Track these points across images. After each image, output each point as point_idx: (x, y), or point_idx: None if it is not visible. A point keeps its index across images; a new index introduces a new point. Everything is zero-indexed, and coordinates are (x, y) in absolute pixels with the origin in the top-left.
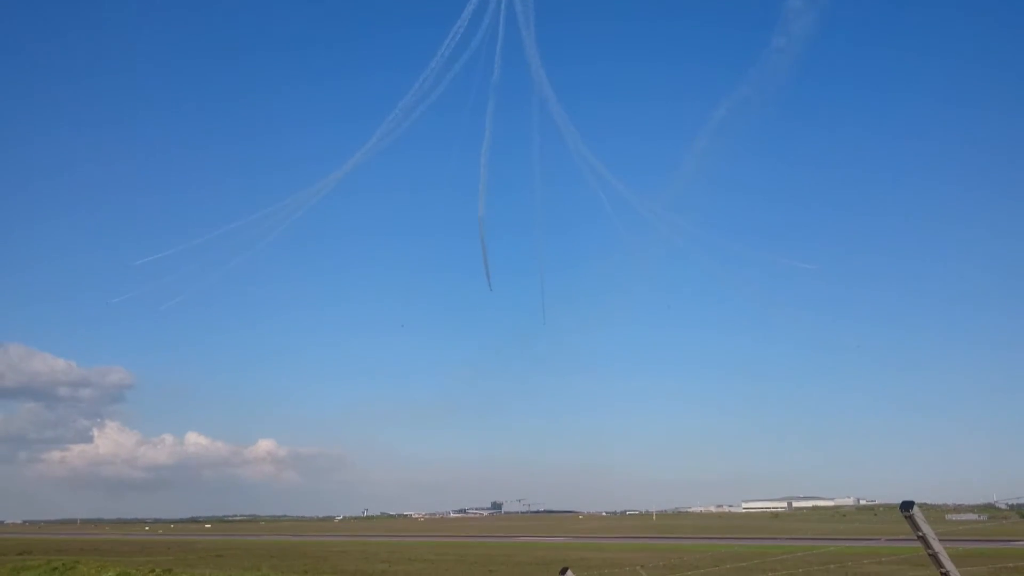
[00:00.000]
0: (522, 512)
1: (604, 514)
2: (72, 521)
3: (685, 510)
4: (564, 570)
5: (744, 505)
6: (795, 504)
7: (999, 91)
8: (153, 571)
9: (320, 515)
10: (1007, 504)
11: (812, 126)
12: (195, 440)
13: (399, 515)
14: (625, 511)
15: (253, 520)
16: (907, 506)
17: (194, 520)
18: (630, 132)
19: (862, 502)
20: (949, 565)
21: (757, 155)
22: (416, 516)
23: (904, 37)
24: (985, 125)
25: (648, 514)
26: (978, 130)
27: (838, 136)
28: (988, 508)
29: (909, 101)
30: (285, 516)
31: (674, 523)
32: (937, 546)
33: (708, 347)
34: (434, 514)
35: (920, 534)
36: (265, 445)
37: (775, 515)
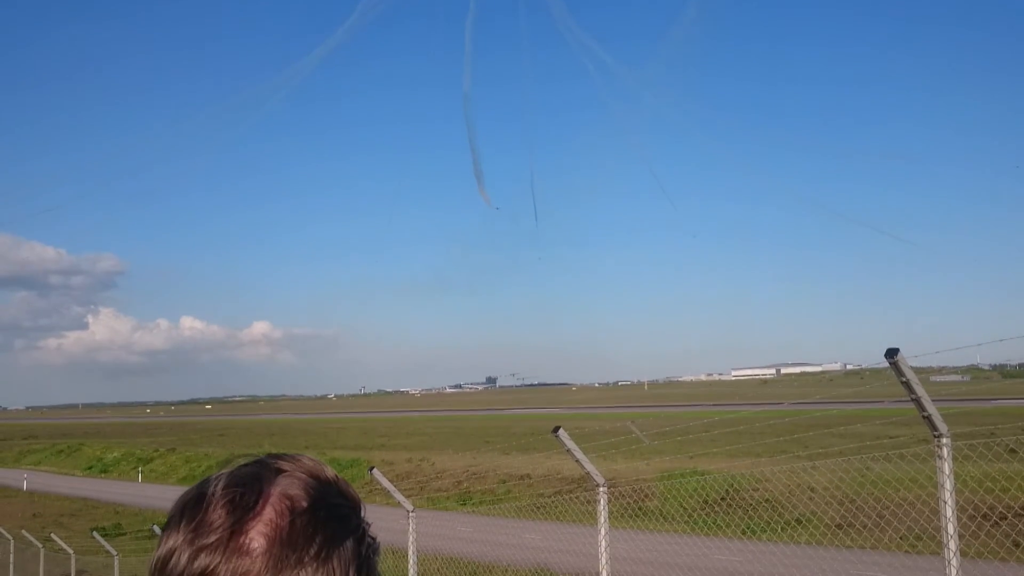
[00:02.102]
0: (516, 386)
1: (597, 385)
2: (74, 406)
3: (676, 379)
4: (556, 428)
5: (733, 373)
6: (783, 371)
7: None
8: (157, 451)
9: (318, 394)
10: (990, 365)
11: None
12: (190, 324)
13: (396, 392)
14: (617, 382)
15: (252, 400)
16: (892, 353)
17: (194, 402)
18: (617, 3)
19: (848, 367)
20: (931, 408)
21: (745, 26)
22: (413, 392)
23: None
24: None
25: (640, 384)
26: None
27: (825, 11)
28: (972, 369)
29: None
30: (283, 396)
31: (665, 392)
32: (920, 390)
33: (696, 216)
34: (430, 390)
35: (904, 380)
36: (260, 327)
37: (764, 381)
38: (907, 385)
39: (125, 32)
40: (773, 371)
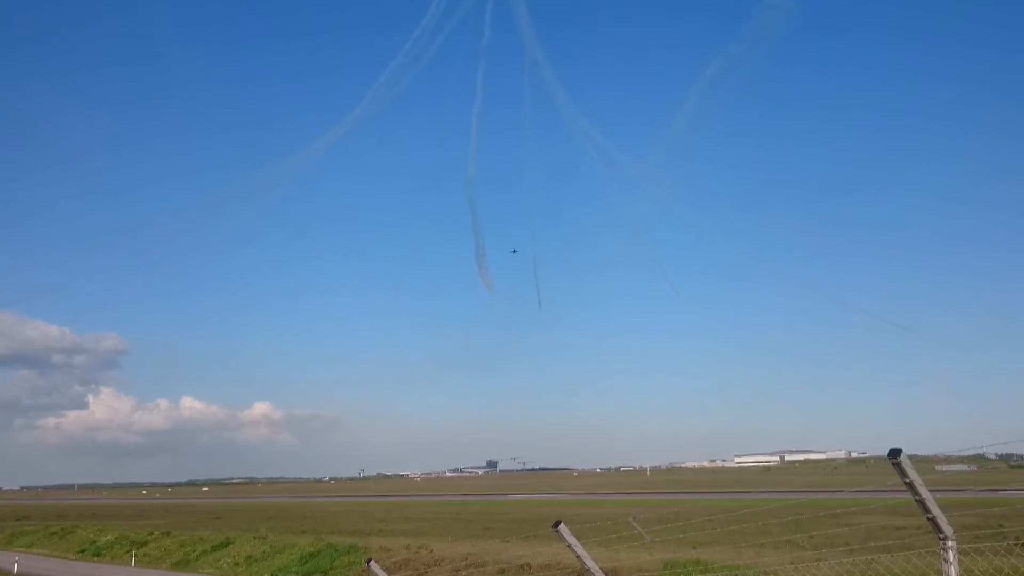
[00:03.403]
0: (517, 470)
1: (599, 471)
2: (69, 487)
3: (679, 465)
4: (557, 523)
5: (737, 459)
6: (787, 458)
7: (990, 41)
8: (152, 534)
9: (316, 477)
10: (996, 454)
11: (799, 84)
12: (190, 404)
13: (395, 475)
14: (619, 468)
15: (250, 483)
16: (895, 453)
17: (191, 483)
18: (620, 93)
19: (853, 454)
20: (935, 510)
21: (744, 113)
22: (412, 476)
23: None
24: (974, 81)
25: (642, 470)
26: (966, 85)
27: (823, 93)
28: (977, 459)
29: (897, 58)
30: (282, 478)
31: (668, 478)
32: (924, 492)
33: (699, 302)
34: (430, 473)
35: (907, 480)
36: (260, 408)
37: (767, 468)
38: (911, 486)
39: (128, 114)
40: (777, 458)
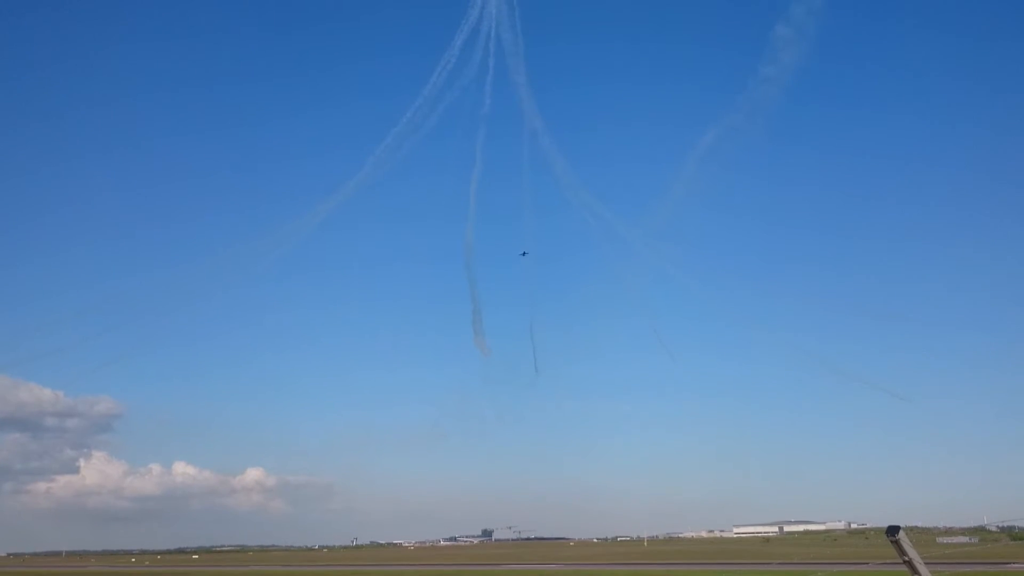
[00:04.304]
0: (513, 539)
1: (595, 540)
2: (57, 553)
3: (676, 535)
4: None
5: (735, 530)
6: (786, 528)
7: (989, 110)
8: None
9: (308, 545)
10: (998, 526)
11: (798, 149)
12: (183, 470)
13: (389, 544)
14: (616, 537)
15: (241, 551)
16: (893, 531)
17: (181, 551)
18: (619, 156)
19: (853, 526)
20: None
21: (744, 179)
22: (406, 545)
23: (891, 59)
24: (975, 142)
25: (639, 540)
26: (967, 147)
27: (824, 158)
28: (979, 531)
29: (896, 121)
30: (273, 546)
31: (666, 549)
32: (924, 571)
33: (697, 370)
34: (424, 542)
35: (906, 559)
36: (253, 474)
37: (766, 540)
38: (910, 564)
39: (125, 181)
40: (776, 529)
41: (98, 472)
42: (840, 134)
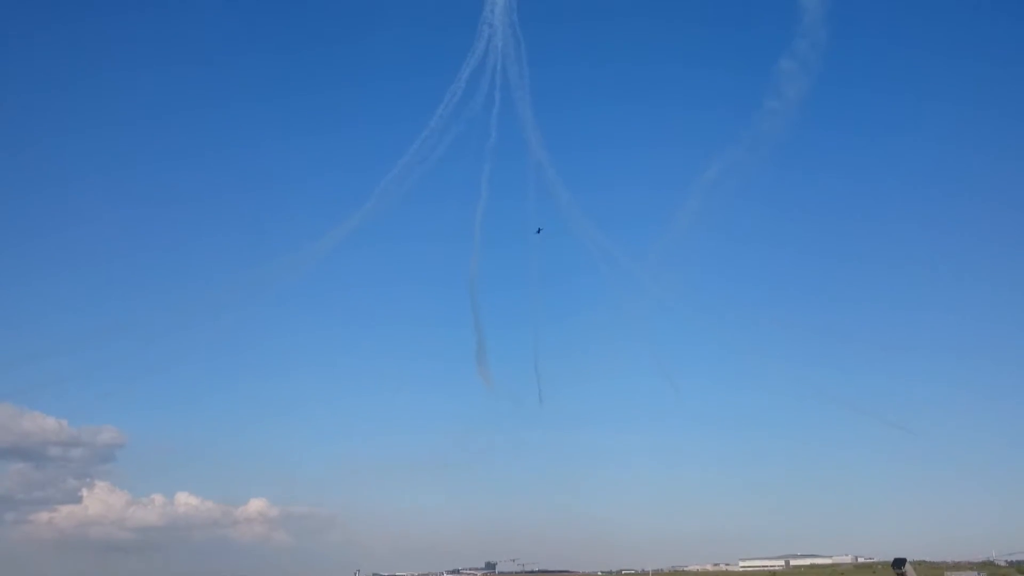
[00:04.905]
0: (516, 572)
1: (600, 573)
2: None
3: (682, 568)
4: None
5: (742, 563)
6: (793, 562)
7: (999, 137)
8: None
9: None
10: (1006, 560)
11: (803, 176)
12: (185, 500)
13: None
14: (621, 570)
15: None
16: (899, 564)
17: None
18: (623, 182)
19: (860, 559)
20: None
21: (748, 207)
22: None
23: (898, 84)
24: (987, 170)
25: (644, 573)
26: (974, 172)
27: (828, 188)
28: (987, 565)
29: (904, 149)
30: None
31: None
32: None
33: (701, 400)
34: (427, 574)
35: None
36: (256, 504)
37: (773, 573)
38: None
39: (129, 203)
40: (782, 562)
41: (100, 502)
42: (846, 161)
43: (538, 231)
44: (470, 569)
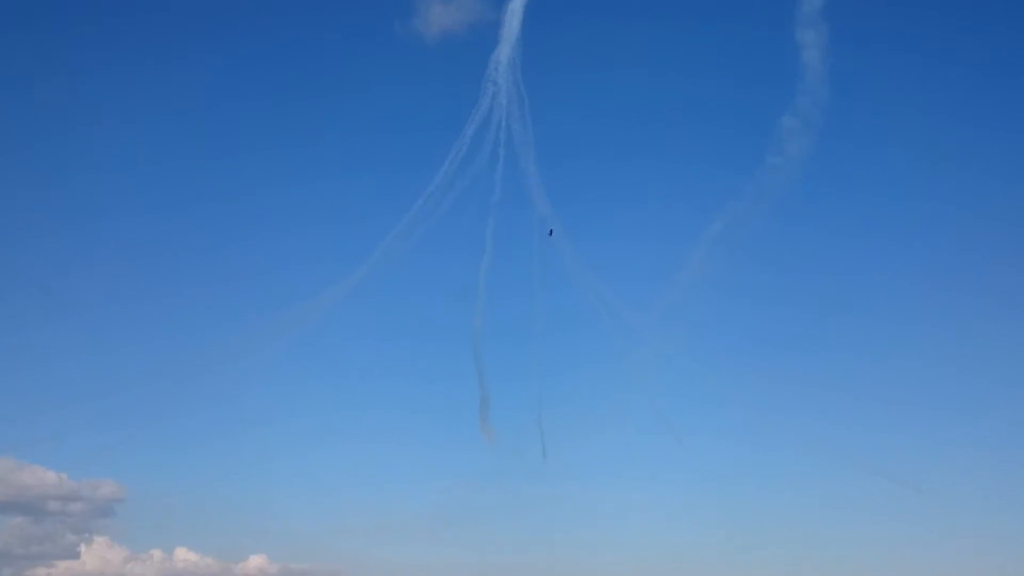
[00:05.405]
0: None
1: None
2: None
3: None
4: None
5: None
6: None
7: (1003, 196)
8: None
9: None
10: None
11: (811, 233)
12: (184, 556)
13: None
14: None
15: None
16: None
17: None
18: (626, 236)
19: None
20: None
21: (755, 263)
22: None
23: (903, 140)
24: (991, 229)
25: None
26: (983, 234)
27: (836, 243)
28: None
29: (911, 205)
30: None
31: None
32: None
33: (706, 457)
34: None
35: None
36: (256, 561)
37: None
38: None
39: (128, 253)
40: None
41: (99, 558)
42: (849, 217)
43: (550, 233)
44: None
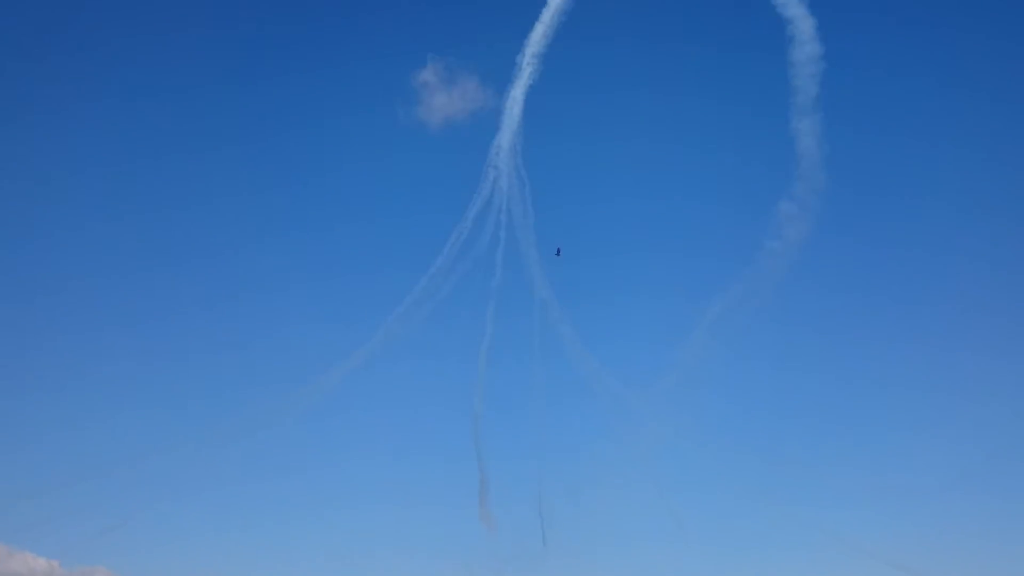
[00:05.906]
0: None
1: None
2: None
3: None
4: None
5: None
6: None
7: (1006, 249)
8: None
9: None
10: None
11: (807, 323)
12: None
13: None
14: None
15: None
16: None
17: None
18: (626, 318)
19: None
20: None
21: (751, 355)
22: None
23: (894, 236)
24: (997, 285)
25: None
26: (989, 290)
27: (830, 341)
28: None
29: (914, 266)
30: None
31: None
32: None
33: (708, 543)
34: None
35: None
36: None
37: None
38: None
39: (123, 356)
40: None
41: None
42: (847, 310)
43: (557, 252)
44: None
